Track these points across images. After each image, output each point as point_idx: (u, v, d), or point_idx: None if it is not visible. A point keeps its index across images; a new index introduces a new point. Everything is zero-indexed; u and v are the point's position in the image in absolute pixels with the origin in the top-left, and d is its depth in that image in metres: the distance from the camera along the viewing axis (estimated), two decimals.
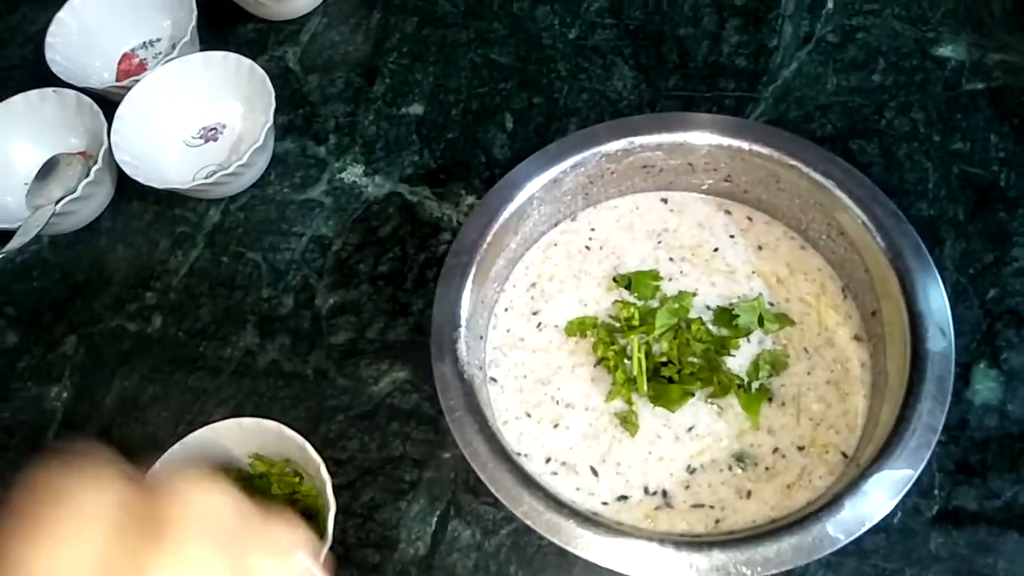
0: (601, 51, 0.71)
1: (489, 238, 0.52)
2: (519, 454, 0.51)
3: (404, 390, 0.58)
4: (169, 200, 0.68)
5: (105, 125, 0.65)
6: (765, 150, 0.52)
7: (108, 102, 0.67)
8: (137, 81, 0.67)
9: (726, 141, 0.53)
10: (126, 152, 0.64)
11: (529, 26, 0.73)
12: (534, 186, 0.53)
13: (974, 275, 0.57)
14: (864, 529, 0.42)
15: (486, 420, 0.46)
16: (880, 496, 0.42)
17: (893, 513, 0.43)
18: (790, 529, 0.42)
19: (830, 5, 0.69)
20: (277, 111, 0.66)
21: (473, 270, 0.51)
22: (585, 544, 0.42)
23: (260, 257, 0.65)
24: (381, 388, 0.58)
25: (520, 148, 0.66)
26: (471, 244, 0.51)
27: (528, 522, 0.43)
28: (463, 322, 0.49)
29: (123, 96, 0.66)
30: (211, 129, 0.70)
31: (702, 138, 0.53)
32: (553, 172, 0.54)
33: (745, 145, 0.53)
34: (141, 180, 0.63)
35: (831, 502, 0.42)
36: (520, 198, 0.53)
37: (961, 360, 0.53)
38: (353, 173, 0.68)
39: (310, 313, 0.62)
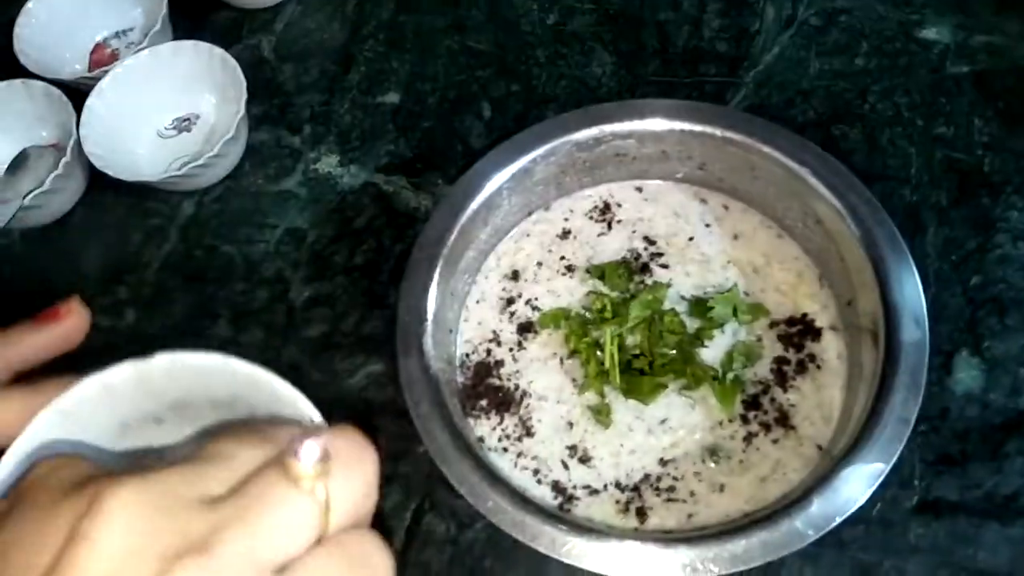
0: (580, 37, 0.69)
1: (456, 230, 0.51)
2: (490, 448, 0.50)
3: (380, 383, 0.57)
4: (142, 192, 0.67)
5: (74, 117, 0.64)
6: (738, 137, 0.51)
7: (82, 94, 0.66)
8: (106, 72, 0.66)
9: (698, 128, 0.52)
10: (96, 144, 0.63)
11: (507, 12, 0.72)
12: (503, 176, 0.52)
13: (957, 262, 0.56)
14: (833, 525, 0.41)
15: (451, 416, 0.45)
16: (851, 490, 0.41)
17: (872, 504, 0.42)
18: (759, 525, 0.41)
19: None
20: (251, 101, 0.64)
21: (440, 264, 0.50)
22: (548, 541, 0.42)
23: (234, 250, 0.64)
24: (356, 382, 0.57)
25: (498, 136, 0.65)
26: (437, 237, 0.50)
27: (493, 519, 0.43)
28: (429, 317, 0.48)
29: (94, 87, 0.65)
30: (184, 120, 0.69)
31: (674, 125, 0.52)
32: (523, 162, 0.52)
33: (718, 132, 0.51)
34: (110, 173, 0.62)
35: (800, 497, 0.42)
36: (488, 188, 0.52)
37: (944, 348, 0.52)
38: (328, 163, 0.67)
39: (284, 306, 0.61)
